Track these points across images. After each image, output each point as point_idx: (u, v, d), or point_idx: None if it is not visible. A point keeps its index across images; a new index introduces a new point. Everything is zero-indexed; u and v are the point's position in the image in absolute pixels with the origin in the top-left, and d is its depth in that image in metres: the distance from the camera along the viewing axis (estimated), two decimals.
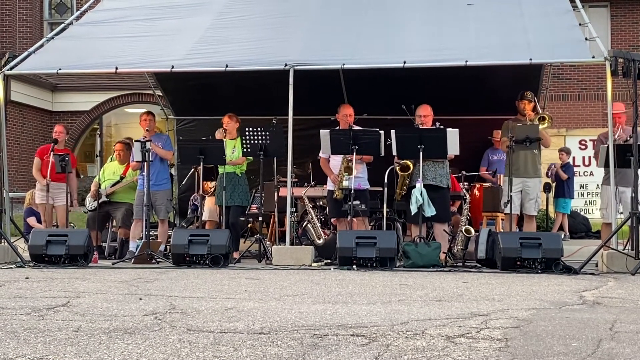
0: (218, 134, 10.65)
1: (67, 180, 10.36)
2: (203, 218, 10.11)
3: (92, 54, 10.08)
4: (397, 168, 9.33)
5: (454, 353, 3.88)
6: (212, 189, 10.38)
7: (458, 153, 9.10)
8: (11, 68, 9.66)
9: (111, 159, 11.28)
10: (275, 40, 10.11)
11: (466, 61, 8.99)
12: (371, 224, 10.22)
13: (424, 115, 9.35)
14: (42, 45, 10.43)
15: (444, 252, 8.96)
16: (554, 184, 13.64)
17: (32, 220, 11.93)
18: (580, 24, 9.49)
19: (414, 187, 8.97)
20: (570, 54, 9.22)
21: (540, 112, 9.53)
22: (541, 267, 8.09)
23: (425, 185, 8.96)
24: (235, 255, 9.45)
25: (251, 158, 9.81)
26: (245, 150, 9.61)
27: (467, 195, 9.95)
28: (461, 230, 9.34)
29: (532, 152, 9.34)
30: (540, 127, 9.15)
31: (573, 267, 8.06)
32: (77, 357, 3.80)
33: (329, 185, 9.70)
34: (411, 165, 9.18)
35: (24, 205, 13.03)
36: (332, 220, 10.00)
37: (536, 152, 9.36)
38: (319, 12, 10.92)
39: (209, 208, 10.38)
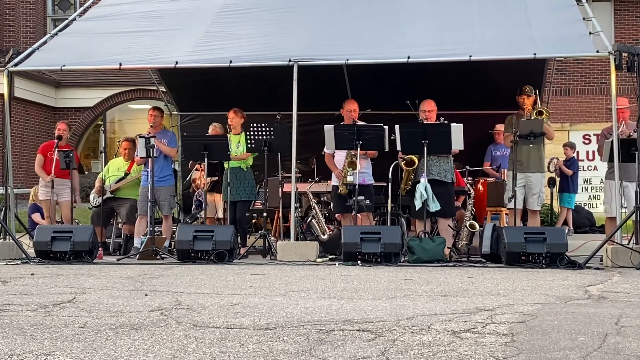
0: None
1: (71, 176, 10.36)
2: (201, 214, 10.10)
3: (96, 50, 10.07)
4: (402, 163, 9.33)
5: (460, 348, 3.88)
6: (209, 185, 10.33)
7: (462, 148, 9.10)
8: (15, 65, 9.68)
9: (116, 154, 11.26)
10: (279, 36, 10.11)
11: (470, 56, 8.97)
12: (375, 219, 10.22)
13: (428, 110, 9.33)
14: (45, 42, 10.43)
15: (448, 247, 8.95)
16: (558, 179, 13.63)
17: (36, 217, 11.95)
18: (584, 18, 9.47)
19: (419, 182, 8.98)
20: (575, 48, 9.19)
21: (540, 106, 9.51)
22: (546, 261, 8.08)
23: (429, 180, 8.96)
24: (242, 250, 9.45)
25: (256, 153, 9.81)
26: (249, 146, 9.62)
27: (471, 190, 9.95)
28: (465, 225, 9.34)
29: (535, 147, 9.33)
30: None
31: (578, 262, 8.05)
32: (84, 353, 3.81)
33: (334, 181, 9.71)
34: (416, 160, 9.17)
35: (28, 201, 13.06)
36: (337, 215, 10.01)
37: (533, 146, 9.32)
38: (323, 6, 10.90)
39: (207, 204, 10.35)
